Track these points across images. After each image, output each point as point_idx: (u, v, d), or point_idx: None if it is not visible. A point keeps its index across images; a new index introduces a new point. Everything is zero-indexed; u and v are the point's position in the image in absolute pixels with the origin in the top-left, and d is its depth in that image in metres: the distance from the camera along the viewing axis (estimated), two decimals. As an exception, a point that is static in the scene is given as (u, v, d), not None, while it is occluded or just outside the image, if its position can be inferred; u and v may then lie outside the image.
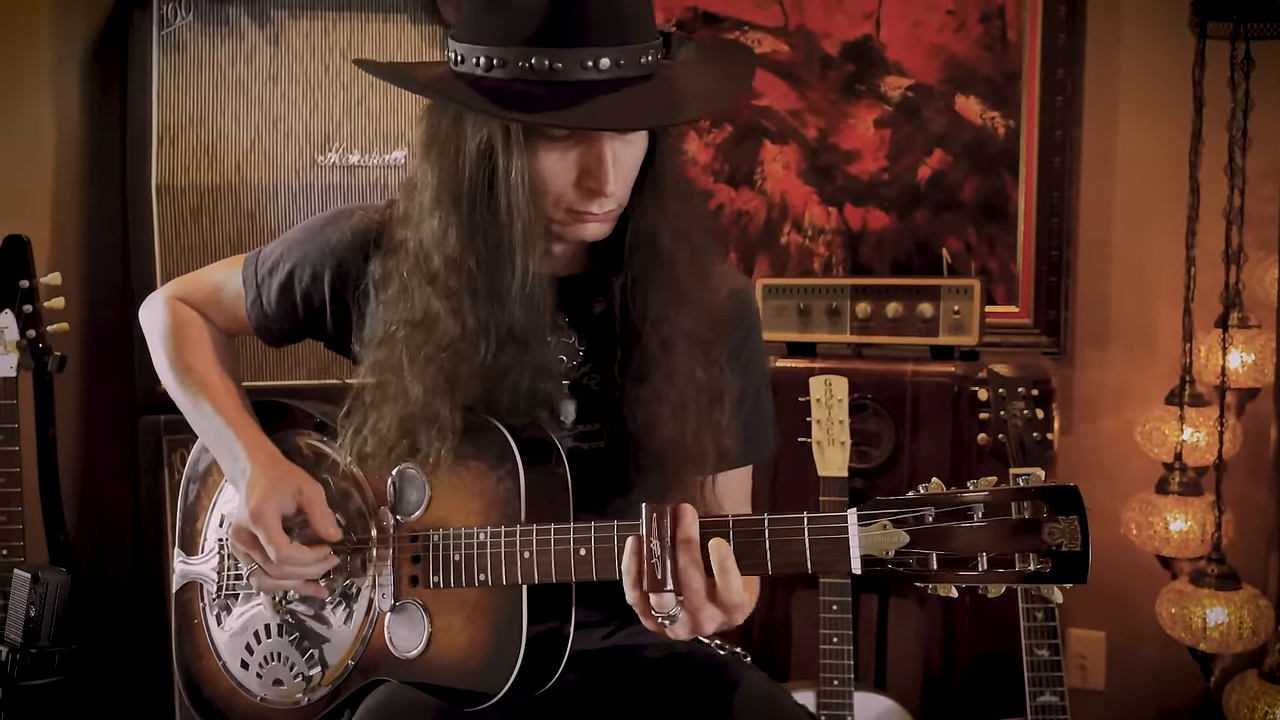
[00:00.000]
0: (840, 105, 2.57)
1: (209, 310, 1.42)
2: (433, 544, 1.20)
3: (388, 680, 1.24)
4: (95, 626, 2.15)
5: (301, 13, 2.26)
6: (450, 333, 1.19)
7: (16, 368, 2.02)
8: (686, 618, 1.06)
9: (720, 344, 1.27)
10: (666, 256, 1.22)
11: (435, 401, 1.19)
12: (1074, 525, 0.93)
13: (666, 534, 1.04)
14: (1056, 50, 2.39)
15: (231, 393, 1.37)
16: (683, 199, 1.23)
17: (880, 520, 0.99)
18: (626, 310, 1.25)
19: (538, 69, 1.09)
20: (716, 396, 1.25)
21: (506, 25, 1.10)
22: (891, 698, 2.10)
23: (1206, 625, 2.04)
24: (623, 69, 1.10)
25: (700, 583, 1.05)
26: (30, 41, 2.34)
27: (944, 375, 2.18)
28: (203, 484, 1.43)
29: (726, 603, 1.05)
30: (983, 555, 0.95)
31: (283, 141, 2.26)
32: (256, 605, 1.34)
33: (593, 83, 1.09)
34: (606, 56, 1.09)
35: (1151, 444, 2.22)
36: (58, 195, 2.38)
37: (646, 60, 1.12)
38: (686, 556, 1.04)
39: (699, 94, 1.16)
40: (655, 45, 1.14)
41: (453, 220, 1.17)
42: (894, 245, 2.55)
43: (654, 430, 1.22)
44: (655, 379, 1.23)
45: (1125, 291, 2.43)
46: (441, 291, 1.19)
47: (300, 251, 1.33)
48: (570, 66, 1.09)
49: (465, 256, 1.17)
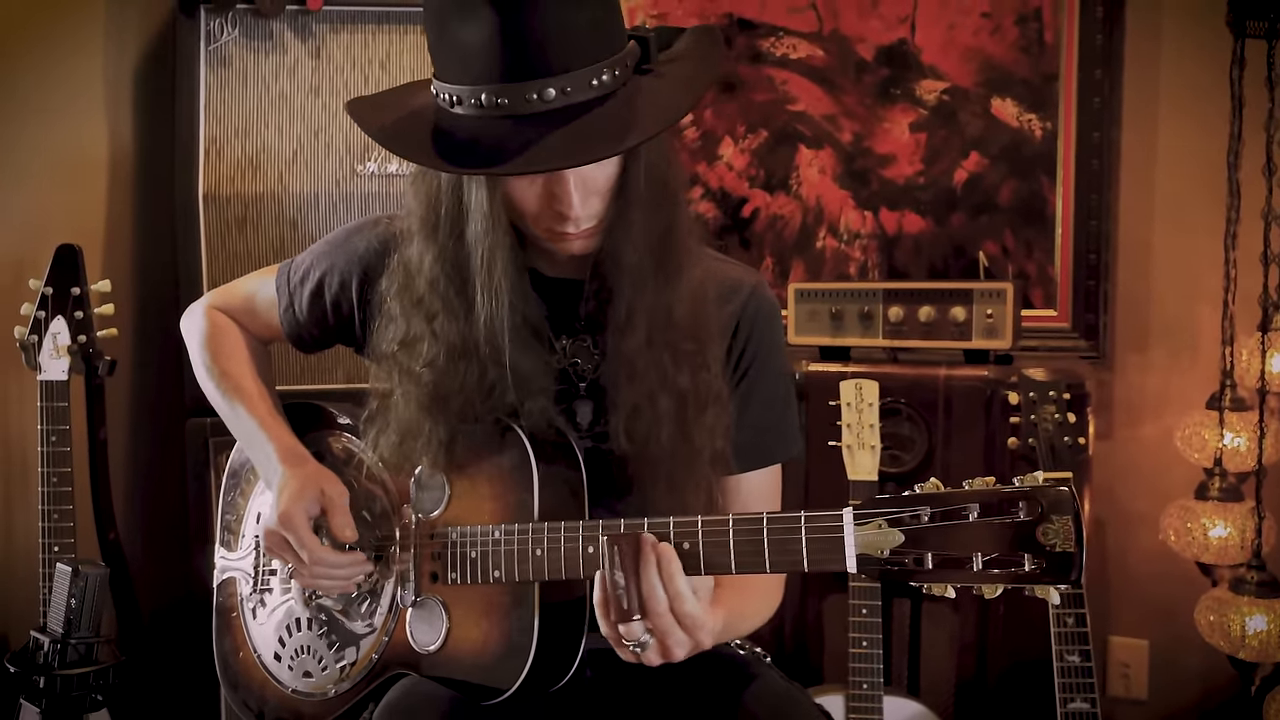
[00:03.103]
0: (875, 109, 2.57)
1: (244, 319, 1.47)
2: (451, 542, 1.23)
3: (409, 674, 1.27)
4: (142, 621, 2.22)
5: (342, 26, 2.32)
6: (429, 352, 1.23)
7: (68, 371, 2.08)
8: (656, 643, 1.09)
9: (709, 347, 1.26)
10: (629, 270, 1.21)
11: (419, 417, 1.23)
12: (1068, 525, 0.93)
13: (629, 563, 1.07)
14: (1094, 51, 2.37)
15: (265, 397, 1.41)
16: (653, 209, 1.20)
17: (876, 519, 0.99)
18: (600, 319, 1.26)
19: (488, 106, 1.09)
20: (707, 401, 1.25)
21: (459, 64, 1.11)
22: (924, 703, 2.09)
23: (1246, 633, 2.01)
24: (570, 96, 1.08)
25: (664, 605, 1.08)
26: (85, 60, 2.42)
27: (977, 379, 2.16)
28: (242, 482, 1.49)
29: (681, 613, 1.08)
30: (977, 555, 0.95)
31: (324, 152, 2.32)
32: (289, 600, 1.38)
33: (542, 115, 1.08)
34: (551, 87, 1.07)
35: (1191, 449, 2.19)
36: (111, 205, 2.46)
37: (599, 81, 1.09)
38: (649, 581, 1.07)
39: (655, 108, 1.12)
40: (611, 63, 1.10)
41: (429, 245, 1.22)
42: (930, 249, 2.54)
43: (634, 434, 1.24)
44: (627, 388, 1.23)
45: (1166, 294, 2.40)
46: (424, 313, 1.23)
47: (329, 260, 1.38)
48: (516, 101, 1.08)
49: (441, 280, 1.22)
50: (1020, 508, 0.95)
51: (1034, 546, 0.94)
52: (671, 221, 1.22)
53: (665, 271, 1.22)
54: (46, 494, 2.04)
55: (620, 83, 1.11)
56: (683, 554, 1.09)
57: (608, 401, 1.26)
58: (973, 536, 0.96)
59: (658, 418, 1.22)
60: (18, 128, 2.35)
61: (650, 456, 1.23)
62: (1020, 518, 0.95)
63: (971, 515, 0.96)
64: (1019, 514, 0.95)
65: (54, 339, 2.08)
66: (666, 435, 1.23)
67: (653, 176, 1.19)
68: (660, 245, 1.22)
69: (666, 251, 1.22)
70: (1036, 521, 0.94)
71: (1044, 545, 0.94)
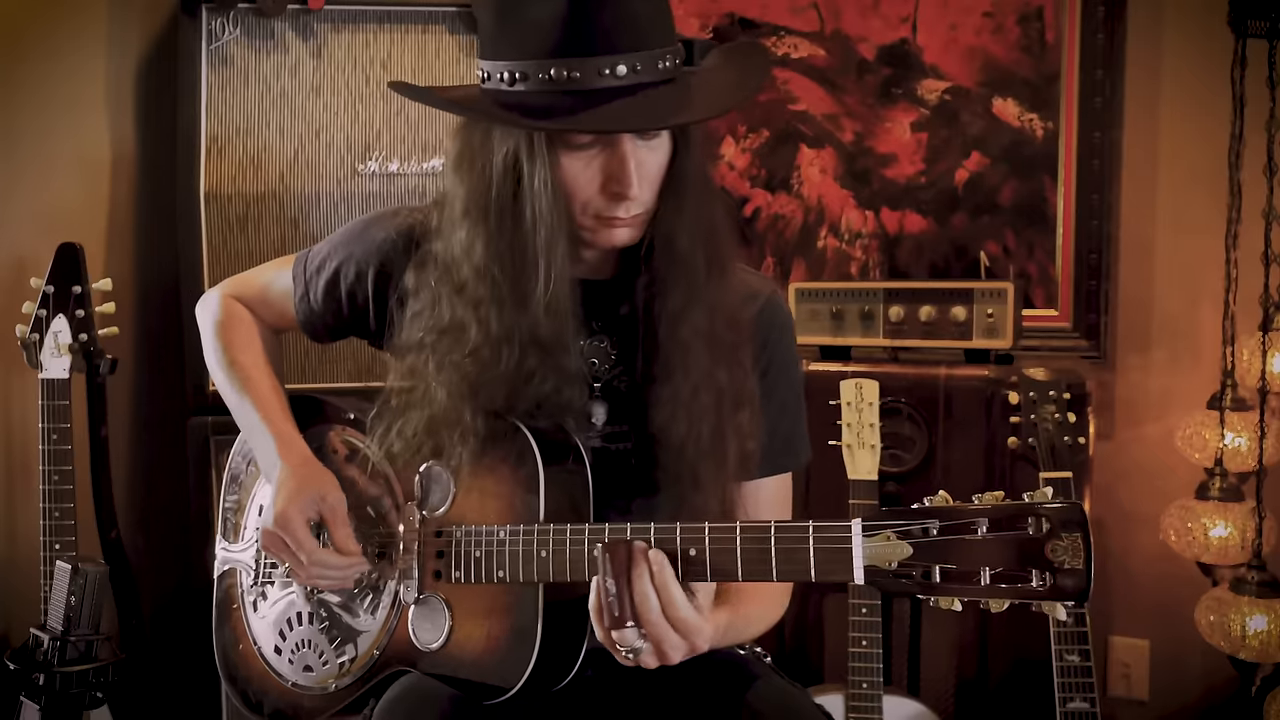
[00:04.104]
0: (877, 109, 2.57)
1: (259, 307, 1.47)
2: (455, 540, 1.23)
3: (411, 671, 1.27)
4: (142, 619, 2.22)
5: (343, 26, 2.32)
6: (474, 340, 1.22)
7: (70, 370, 2.08)
8: (651, 648, 1.10)
9: (742, 347, 1.28)
10: (683, 257, 1.24)
11: (459, 406, 1.22)
12: (1077, 542, 0.92)
13: (620, 570, 1.08)
14: (1095, 51, 2.37)
15: (274, 389, 1.42)
16: (702, 202, 1.24)
17: (884, 532, 0.99)
18: (648, 311, 1.27)
19: (557, 79, 1.12)
20: (739, 400, 1.27)
21: (524, 40, 1.14)
22: (924, 703, 2.10)
23: (1246, 633, 2.01)
24: (640, 74, 1.13)
25: (657, 612, 1.08)
26: (87, 59, 2.42)
27: (977, 379, 2.17)
28: (246, 474, 1.48)
29: (675, 618, 1.08)
30: (985, 570, 0.95)
31: (325, 151, 2.32)
32: (290, 594, 1.38)
33: (611, 89, 1.12)
34: (623, 63, 1.12)
35: (1192, 449, 2.19)
36: (112, 204, 2.47)
37: (664, 65, 1.15)
38: (640, 588, 1.07)
39: (713, 95, 1.18)
40: (673, 50, 1.16)
41: (480, 230, 1.21)
42: (931, 249, 2.54)
43: (672, 431, 1.24)
44: (674, 379, 1.25)
45: (1167, 294, 2.40)
46: (468, 300, 1.23)
47: (346, 250, 1.38)
48: (588, 75, 1.12)
49: (491, 265, 1.21)
50: (1029, 524, 0.94)
51: (1042, 563, 0.94)
52: (718, 216, 1.26)
53: (715, 265, 1.25)
54: (47, 492, 2.04)
55: (678, 72, 1.17)
56: (689, 560, 1.09)
57: (648, 396, 1.26)
58: (981, 551, 0.95)
59: (701, 413, 1.24)
60: (20, 126, 2.35)
61: (685, 453, 1.24)
62: (1029, 534, 0.94)
63: (980, 530, 0.95)
64: (1028, 530, 0.94)
65: (55, 337, 2.08)
66: (707, 431, 1.24)
67: (701, 171, 1.23)
68: (709, 238, 1.25)
69: (715, 245, 1.25)
70: (1046, 538, 0.94)
71: (1052, 562, 0.93)
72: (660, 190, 1.22)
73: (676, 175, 1.22)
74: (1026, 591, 0.94)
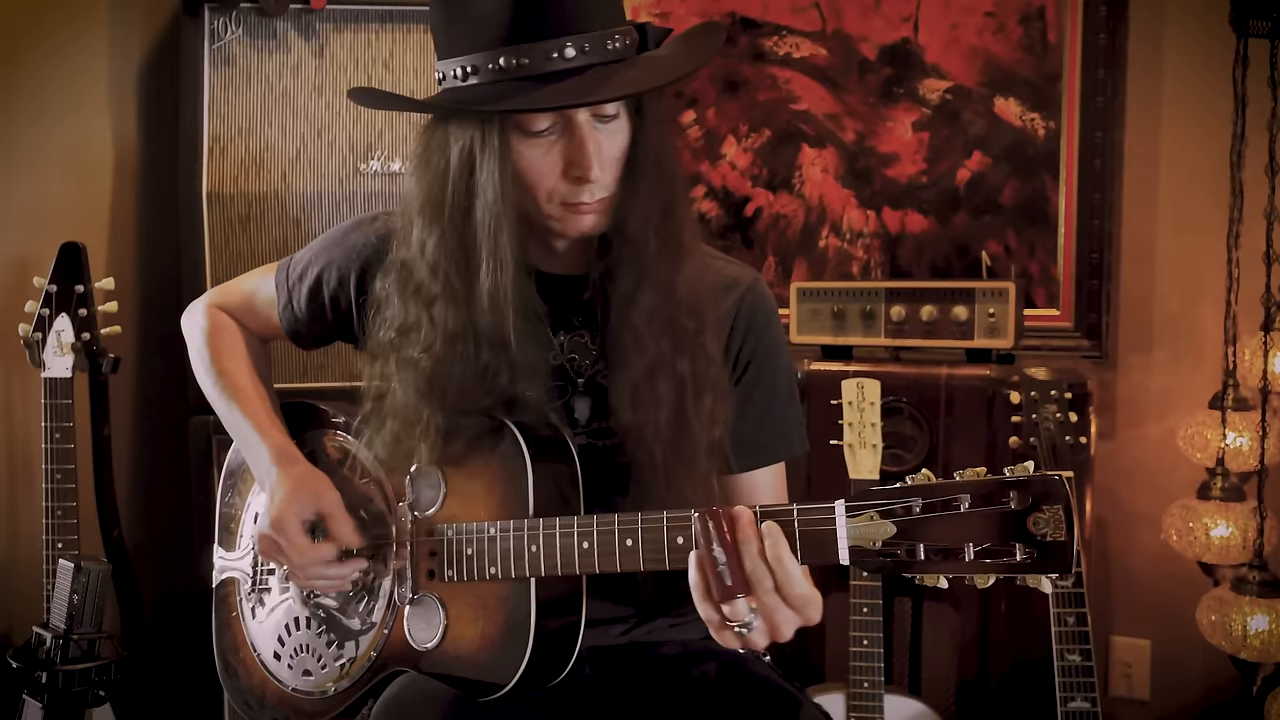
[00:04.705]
0: (878, 109, 2.57)
1: (244, 316, 1.48)
2: (447, 539, 1.24)
3: (408, 671, 1.28)
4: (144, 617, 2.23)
5: (345, 25, 2.32)
6: (427, 337, 1.23)
7: (72, 369, 2.09)
8: (762, 623, 1.03)
9: (704, 332, 1.26)
10: (634, 239, 1.23)
11: (418, 403, 1.23)
12: (1059, 514, 0.93)
13: (726, 538, 1.02)
14: (1097, 51, 2.37)
15: (262, 397, 1.42)
16: (658, 184, 1.23)
17: (867, 511, 0.99)
18: (603, 297, 1.27)
19: (508, 68, 1.13)
20: (701, 386, 1.25)
21: (473, 34, 1.15)
22: (925, 702, 2.10)
23: (1247, 633, 2.01)
24: (589, 55, 1.13)
25: (770, 581, 1.02)
26: (89, 58, 2.43)
27: (978, 378, 2.16)
28: (239, 482, 1.49)
29: (791, 595, 1.02)
30: (969, 545, 0.95)
31: (327, 150, 2.33)
32: (287, 599, 1.38)
33: (562, 72, 1.13)
34: (571, 45, 1.12)
35: (1194, 449, 2.19)
36: (115, 203, 2.47)
37: (614, 46, 1.15)
38: (751, 556, 1.02)
39: (663, 68, 1.18)
40: (623, 31, 1.17)
41: (434, 228, 1.22)
42: (933, 249, 2.54)
43: (625, 416, 1.23)
44: (628, 365, 1.24)
45: (1169, 294, 2.40)
46: (423, 299, 1.23)
47: (327, 256, 1.38)
48: (537, 60, 1.13)
49: (443, 262, 1.21)
50: (1011, 498, 0.95)
51: (1025, 536, 0.94)
52: (675, 199, 1.25)
53: (668, 248, 1.24)
54: (50, 491, 2.05)
55: (631, 51, 1.17)
56: (677, 548, 1.09)
57: (608, 381, 1.26)
58: (964, 527, 0.96)
59: (656, 398, 1.22)
60: (22, 125, 2.36)
61: (647, 440, 1.23)
62: (1011, 508, 0.95)
63: (963, 506, 0.96)
64: (1010, 504, 0.95)
65: (58, 336, 2.09)
66: (665, 418, 1.22)
67: (657, 153, 1.23)
68: (663, 220, 1.23)
69: (670, 228, 1.24)
70: (1027, 511, 0.94)
71: (1035, 535, 0.93)
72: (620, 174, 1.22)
73: (633, 158, 1.22)
74: (1011, 565, 0.94)
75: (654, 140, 1.22)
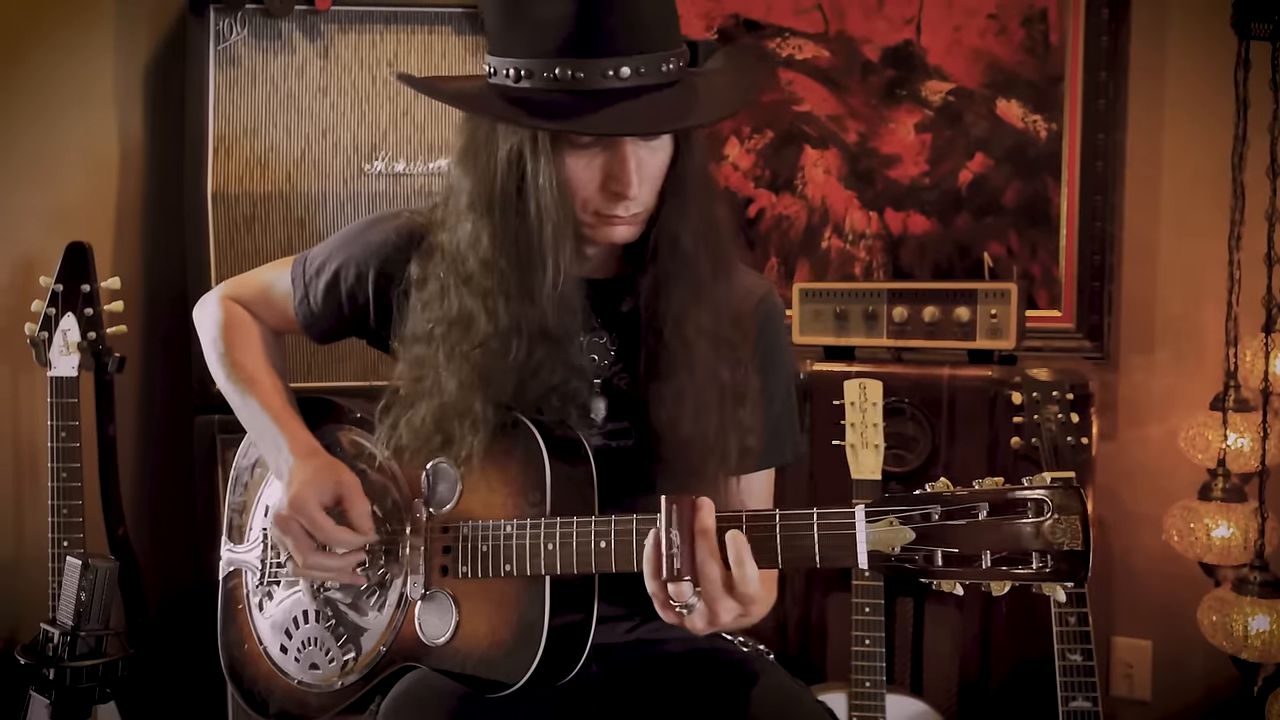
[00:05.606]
0: (881, 110, 2.58)
1: (259, 309, 1.48)
2: (462, 536, 1.24)
3: (417, 666, 1.28)
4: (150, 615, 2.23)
5: (350, 26, 2.33)
6: (484, 330, 1.24)
7: (78, 368, 2.10)
8: (704, 608, 1.09)
9: (744, 344, 1.30)
10: (688, 257, 1.26)
11: (469, 396, 1.24)
12: (1075, 524, 0.94)
13: (685, 524, 1.07)
14: (1099, 53, 2.38)
15: (278, 388, 1.42)
16: (705, 202, 1.26)
17: (887, 517, 1.00)
18: (652, 310, 1.28)
19: (562, 79, 1.14)
20: (741, 396, 1.28)
21: (532, 38, 1.15)
22: (927, 702, 2.10)
23: (1248, 633, 2.01)
24: (643, 77, 1.14)
25: (717, 573, 1.07)
26: (95, 59, 2.44)
27: (980, 379, 2.17)
28: (250, 476, 1.49)
29: (743, 594, 1.07)
30: (986, 553, 0.97)
31: (331, 151, 2.33)
32: (296, 592, 1.39)
33: (615, 91, 1.14)
34: (627, 65, 1.13)
35: (1195, 450, 2.19)
36: (120, 203, 2.48)
37: (668, 68, 1.16)
38: (704, 547, 1.07)
39: (716, 99, 1.20)
40: (678, 53, 1.18)
41: (485, 224, 1.23)
42: (935, 250, 2.55)
43: (677, 427, 1.26)
44: (678, 377, 1.26)
45: (1171, 296, 2.40)
46: (476, 291, 1.24)
47: (345, 252, 1.39)
48: (592, 76, 1.13)
49: (497, 258, 1.22)
50: (1029, 507, 0.96)
51: (1042, 545, 0.96)
52: (721, 216, 1.28)
53: (718, 265, 1.27)
54: (56, 489, 2.06)
55: (682, 74, 1.18)
56: None
57: (651, 393, 1.28)
58: (982, 535, 0.97)
59: (706, 410, 1.25)
60: (28, 125, 2.36)
61: (690, 450, 1.25)
62: (1029, 517, 0.96)
63: (981, 514, 0.97)
64: (1027, 513, 0.96)
65: (64, 335, 2.10)
66: (711, 429, 1.25)
67: (701, 170, 1.25)
68: (713, 238, 1.27)
69: (719, 245, 1.27)
70: (1044, 521, 0.96)
71: (1052, 544, 0.95)
72: (662, 190, 1.24)
73: (679, 175, 1.24)
74: (1027, 574, 0.96)
75: (698, 157, 1.24)
